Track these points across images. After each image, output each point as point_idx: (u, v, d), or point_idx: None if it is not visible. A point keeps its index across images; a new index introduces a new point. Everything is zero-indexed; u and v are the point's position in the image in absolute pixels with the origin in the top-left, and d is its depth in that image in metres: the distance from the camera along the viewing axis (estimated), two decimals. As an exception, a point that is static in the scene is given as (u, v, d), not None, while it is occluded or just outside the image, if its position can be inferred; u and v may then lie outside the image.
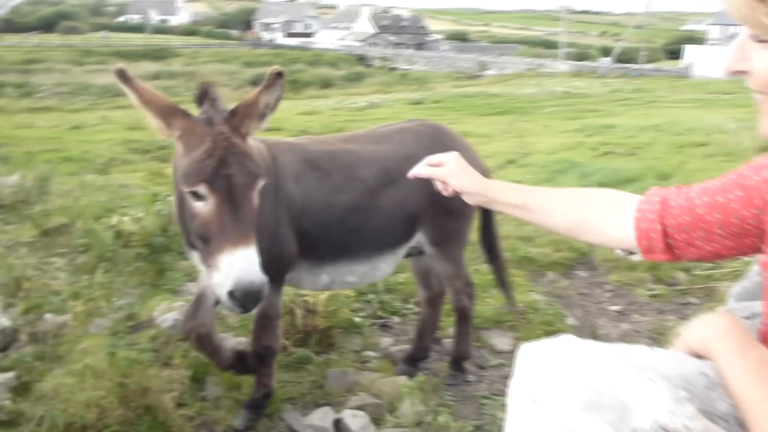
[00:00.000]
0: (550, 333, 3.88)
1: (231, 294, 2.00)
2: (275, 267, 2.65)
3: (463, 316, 3.44)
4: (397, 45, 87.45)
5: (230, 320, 3.76)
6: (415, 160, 2.94)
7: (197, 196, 2.08)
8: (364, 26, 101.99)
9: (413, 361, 3.53)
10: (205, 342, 2.88)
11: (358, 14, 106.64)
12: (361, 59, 66.75)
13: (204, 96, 2.22)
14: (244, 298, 2.00)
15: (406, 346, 3.72)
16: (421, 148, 2.93)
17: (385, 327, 4.08)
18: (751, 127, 1.09)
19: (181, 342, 3.33)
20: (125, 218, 4.94)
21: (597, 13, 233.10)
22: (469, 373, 3.53)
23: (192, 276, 4.42)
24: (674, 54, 71.34)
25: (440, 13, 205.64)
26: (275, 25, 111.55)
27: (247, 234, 2.04)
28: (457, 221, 3.19)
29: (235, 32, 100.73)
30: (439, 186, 1.70)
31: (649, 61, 60.53)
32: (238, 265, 1.99)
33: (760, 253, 1.10)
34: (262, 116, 2.22)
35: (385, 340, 3.88)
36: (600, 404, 0.75)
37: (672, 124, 17.20)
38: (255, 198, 2.14)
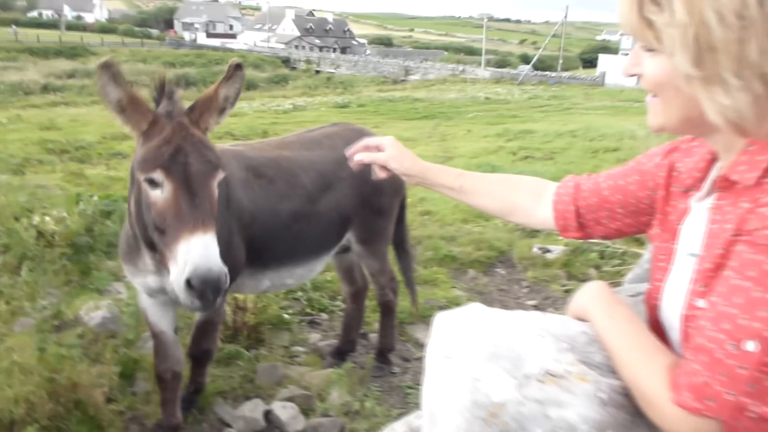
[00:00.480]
0: (470, 326, 4.11)
1: (188, 283, 1.89)
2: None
3: (387, 311, 3.60)
4: (322, 48, 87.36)
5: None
6: (346, 164, 3.08)
7: (153, 184, 2.02)
8: (289, 28, 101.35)
9: (340, 354, 3.67)
10: (176, 382, 2.83)
11: (282, 16, 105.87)
12: (286, 62, 66.29)
13: (161, 92, 2.19)
14: (202, 286, 1.88)
15: (334, 341, 3.85)
16: None
17: (313, 323, 4.20)
18: (659, 134, 1.29)
19: (110, 340, 3.34)
20: (47, 218, 4.85)
21: (517, 21, 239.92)
22: (395, 365, 3.70)
23: (117, 276, 4.41)
24: (590, 63, 74.50)
25: (364, 18, 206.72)
26: (197, 25, 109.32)
27: (205, 220, 1.97)
28: (383, 219, 3.35)
29: (155, 31, 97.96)
30: (376, 170, 1.71)
31: (566, 70, 62.88)
32: (195, 251, 1.90)
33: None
34: (222, 110, 2.20)
35: (314, 336, 4.00)
36: (499, 356, 0.91)
37: (587, 130, 18.01)
38: (214, 188, 2.09)
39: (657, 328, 1.13)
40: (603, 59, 55.12)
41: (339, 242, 3.25)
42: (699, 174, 1.15)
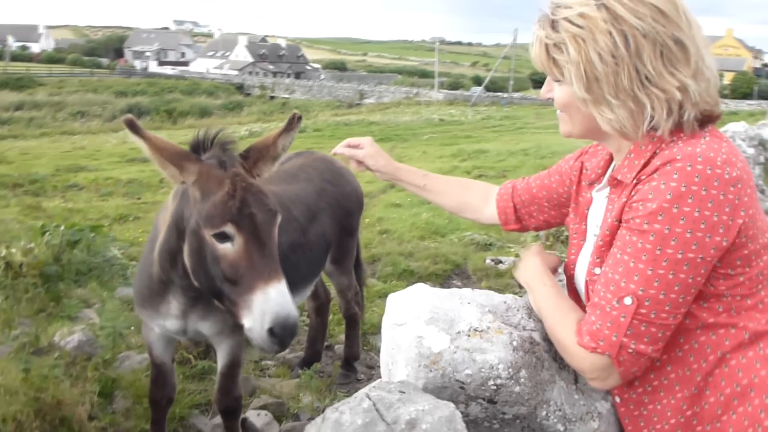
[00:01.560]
0: (429, 334, 4.39)
1: (271, 331, 1.95)
2: None
3: (353, 322, 3.86)
4: (276, 74, 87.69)
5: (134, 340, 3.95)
6: (324, 194, 3.33)
7: (223, 238, 2.03)
8: (242, 55, 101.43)
9: (307, 365, 3.89)
10: (169, 405, 2.98)
11: (235, 43, 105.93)
12: (240, 88, 66.30)
13: (206, 143, 2.22)
14: (283, 333, 1.96)
15: (301, 353, 4.07)
16: (325, 182, 3.37)
17: (280, 338, 4.41)
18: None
19: (87, 362, 3.51)
20: (13, 250, 4.96)
21: (468, 44, 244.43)
22: (360, 373, 3.94)
23: (88, 302, 4.56)
24: (540, 83, 76.43)
25: (318, 43, 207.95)
26: (148, 54, 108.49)
27: (277, 269, 2.04)
28: (352, 239, 3.62)
29: (105, 60, 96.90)
30: (353, 164, 1.98)
31: (517, 90, 64.46)
32: (274, 300, 1.96)
33: None
34: (276, 158, 2.25)
35: (281, 350, 4.21)
36: (437, 319, 1.18)
37: (538, 149, 18.65)
38: (276, 235, 2.15)
39: (573, 292, 1.45)
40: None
41: (324, 267, 3.47)
42: (600, 170, 1.48)
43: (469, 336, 1.16)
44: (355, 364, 3.93)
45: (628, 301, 1.16)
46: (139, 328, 4.08)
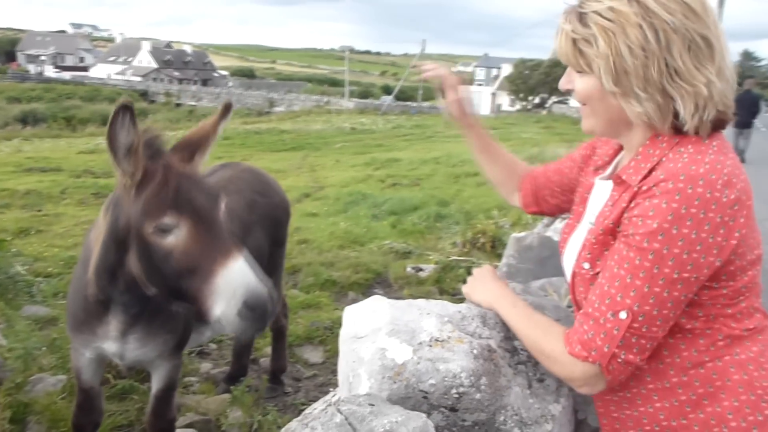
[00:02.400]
0: (354, 343, 4.40)
1: (246, 306, 1.80)
2: (187, 336, 2.67)
3: (280, 335, 3.81)
4: (182, 80, 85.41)
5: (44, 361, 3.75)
6: (255, 206, 3.25)
7: (165, 231, 1.91)
8: (145, 61, 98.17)
9: (233, 380, 3.80)
10: (97, 428, 2.81)
11: (138, 48, 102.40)
12: (144, 95, 64.23)
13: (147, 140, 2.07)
14: (260, 307, 1.81)
15: (226, 368, 3.98)
16: (255, 194, 3.27)
17: (202, 354, 4.30)
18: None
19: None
20: None
21: (377, 53, 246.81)
22: (287, 385, 3.90)
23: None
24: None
25: (225, 50, 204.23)
26: (43, 58, 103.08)
27: (232, 246, 1.91)
28: (282, 250, 3.57)
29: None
30: (449, 97, 2.01)
31: (426, 100, 65.63)
32: (240, 274, 1.84)
33: None
34: (209, 147, 2.14)
35: (205, 365, 4.11)
36: (398, 331, 1.20)
37: (449, 157, 19.06)
38: (221, 218, 2.03)
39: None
40: (460, 89, 58.05)
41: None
42: (607, 158, 1.54)
43: (431, 346, 1.18)
44: (282, 377, 3.88)
45: (623, 315, 1.22)
46: (51, 348, 3.88)
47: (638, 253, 1.20)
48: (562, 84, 1.41)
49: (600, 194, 1.47)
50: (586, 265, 1.33)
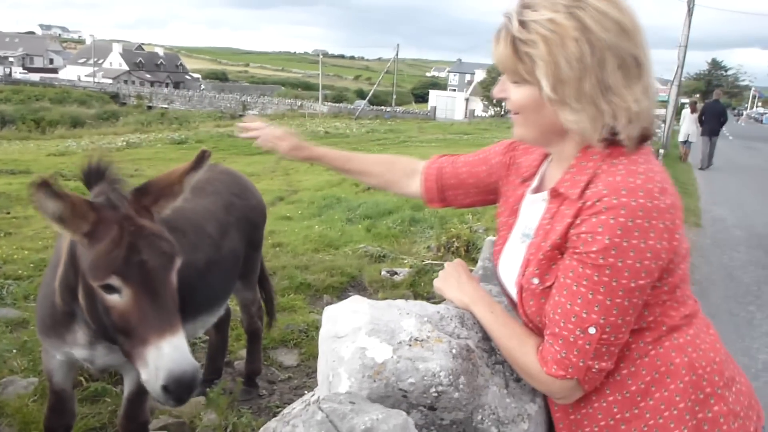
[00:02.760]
0: (329, 346, 4.40)
1: (165, 388, 1.82)
2: None
3: (255, 337, 3.80)
4: (154, 83, 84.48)
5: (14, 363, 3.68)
6: (232, 207, 3.25)
7: (110, 289, 1.90)
8: (116, 63, 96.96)
9: (207, 383, 3.78)
10: (69, 431, 2.78)
11: (109, 50, 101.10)
12: (114, 97, 63.42)
13: (97, 175, 2.07)
14: (178, 390, 1.82)
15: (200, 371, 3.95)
16: (232, 195, 3.27)
17: (176, 357, 4.26)
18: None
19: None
20: None
21: (351, 57, 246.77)
22: (262, 388, 3.88)
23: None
24: (421, 98, 78.70)
25: (197, 52, 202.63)
26: (11, 59, 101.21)
27: (172, 321, 1.89)
28: (257, 253, 3.57)
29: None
30: (265, 142, 2.02)
31: (400, 104, 65.89)
32: (168, 356, 1.82)
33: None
34: (180, 195, 2.11)
35: (178, 369, 4.07)
36: (378, 330, 1.21)
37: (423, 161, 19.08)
38: (174, 280, 2.01)
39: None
40: (433, 94, 58.51)
41: (236, 282, 3.37)
42: (534, 168, 1.56)
43: (410, 345, 1.20)
44: (256, 380, 3.87)
45: (592, 330, 1.25)
46: (22, 351, 3.83)
47: (594, 270, 1.24)
48: (496, 92, 1.43)
49: (532, 206, 1.50)
50: (536, 281, 1.34)
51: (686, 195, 13.13)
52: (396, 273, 6.06)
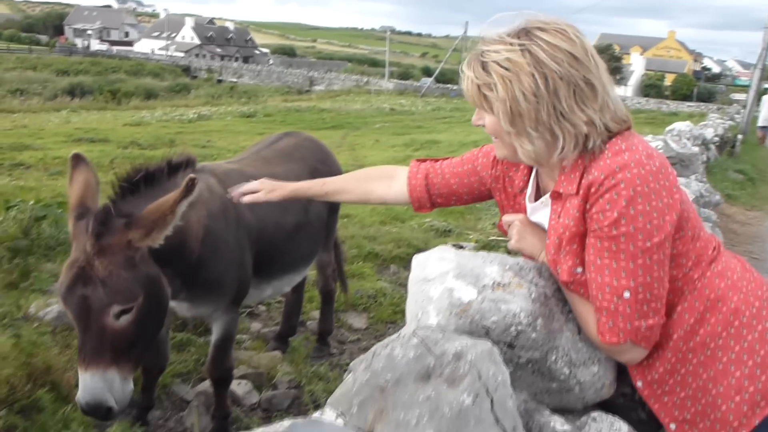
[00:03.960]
0: (397, 313, 4.59)
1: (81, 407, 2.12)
2: (242, 292, 2.92)
3: (328, 298, 4.02)
4: (224, 57, 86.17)
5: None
6: (318, 173, 3.46)
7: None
8: (188, 37, 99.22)
9: (282, 339, 4.03)
10: (159, 375, 3.13)
11: (182, 24, 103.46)
12: (186, 70, 65.05)
13: (177, 168, 2.50)
14: (88, 413, 2.14)
15: (275, 328, 4.21)
16: (317, 162, 3.49)
17: (252, 315, 4.53)
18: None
19: (67, 332, 3.56)
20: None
21: (418, 35, 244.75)
22: (333, 348, 4.10)
23: (57, 276, 4.55)
24: (487, 76, 77.51)
25: (266, 27, 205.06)
26: (89, 32, 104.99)
27: (87, 359, 2.09)
28: (336, 216, 3.79)
29: (43, 38, 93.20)
30: (243, 197, 2.24)
31: (466, 82, 65.10)
32: (81, 388, 2.10)
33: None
34: (171, 224, 2.18)
35: (255, 325, 4.34)
36: (464, 274, 1.36)
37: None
38: (109, 321, 2.11)
39: None
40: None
41: (321, 244, 3.59)
42: (525, 178, 1.74)
43: (493, 289, 1.34)
44: (328, 339, 4.09)
45: (626, 294, 1.38)
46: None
47: (611, 241, 1.38)
48: (474, 121, 1.60)
49: (537, 214, 1.67)
50: (579, 270, 1.47)
51: (764, 182, 12.71)
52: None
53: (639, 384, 1.51)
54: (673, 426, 1.49)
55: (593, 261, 1.42)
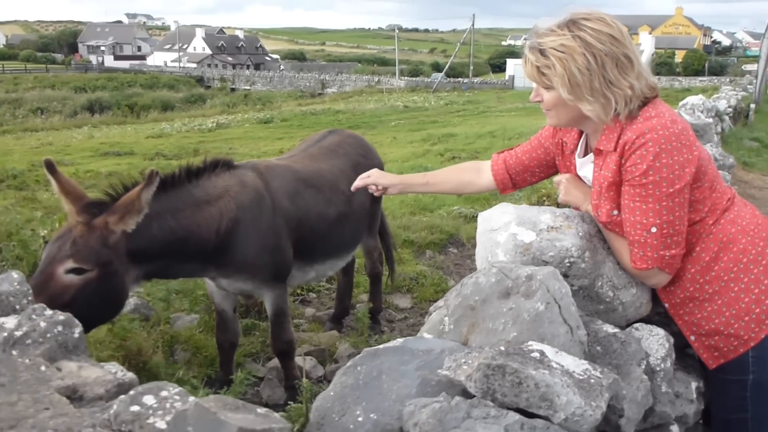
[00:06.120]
0: (438, 292, 4.92)
1: None
2: (282, 272, 3.24)
3: (376, 280, 4.37)
4: (236, 65, 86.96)
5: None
6: (360, 167, 3.82)
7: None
8: (199, 47, 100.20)
9: (337, 319, 4.38)
10: (232, 350, 3.49)
11: (192, 35, 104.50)
12: (200, 80, 65.87)
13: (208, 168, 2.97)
14: None
15: (327, 312, 4.56)
16: (359, 156, 3.85)
17: (304, 302, 4.89)
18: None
19: (145, 322, 3.94)
20: (43, 231, 5.32)
21: (425, 31, 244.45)
22: (383, 326, 4.45)
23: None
24: (498, 67, 77.63)
25: (275, 33, 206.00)
26: (103, 48, 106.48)
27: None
28: (379, 206, 4.15)
29: (59, 56, 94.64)
30: (372, 188, 2.48)
31: (477, 75, 65.34)
32: None
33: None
34: (140, 211, 2.52)
35: (308, 310, 4.71)
36: (523, 222, 1.69)
37: (504, 130, 19.30)
38: (60, 273, 2.40)
39: None
40: (511, 63, 57.64)
41: (364, 232, 3.95)
42: (576, 141, 2.09)
43: (548, 231, 1.68)
44: (379, 318, 4.43)
45: (654, 229, 1.73)
46: (183, 292, 4.53)
47: (641, 188, 1.73)
48: (533, 98, 1.95)
49: (584, 168, 2.02)
50: (615, 212, 1.81)
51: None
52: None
53: (666, 305, 1.89)
54: (693, 338, 1.87)
55: (627, 204, 1.76)
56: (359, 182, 2.47)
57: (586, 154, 2.04)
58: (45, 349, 1.58)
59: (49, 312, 1.64)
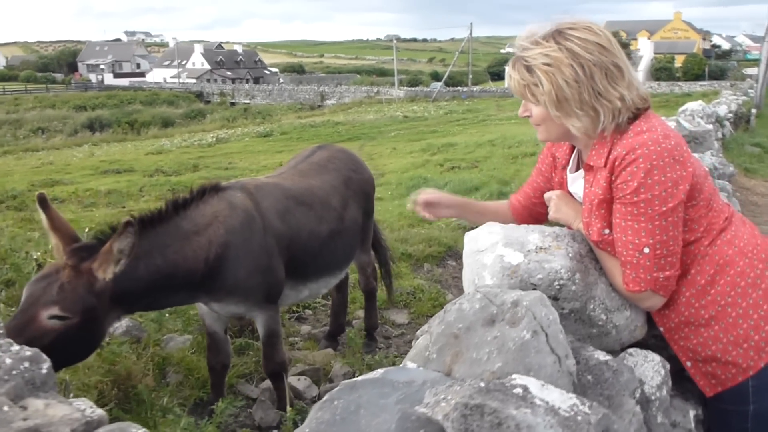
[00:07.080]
0: (436, 307, 4.84)
1: None
2: (274, 292, 3.18)
3: (371, 295, 4.28)
4: (235, 80, 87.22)
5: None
6: (351, 181, 3.74)
7: None
8: (198, 63, 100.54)
9: (333, 336, 4.30)
10: (224, 372, 3.42)
11: (191, 51, 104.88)
12: (199, 96, 66.02)
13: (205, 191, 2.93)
14: None
15: (322, 329, 4.48)
16: (350, 171, 3.77)
17: (300, 319, 4.82)
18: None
19: (136, 344, 3.86)
20: (36, 253, 5.26)
21: (423, 40, 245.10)
22: (380, 342, 4.37)
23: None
24: (497, 75, 77.81)
25: (273, 47, 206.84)
26: (102, 66, 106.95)
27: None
28: (371, 220, 4.06)
29: (59, 76, 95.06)
30: (426, 214, 2.49)
31: (476, 84, 65.37)
32: None
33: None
34: (118, 261, 2.47)
35: (304, 328, 4.63)
36: (511, 243, 1.62)
37: (504, 139, 19.23)
38: (42, 317, 2.35)
39: None
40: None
41: (357, 248, 3.87)
42: (567, 156, 2.02)
43: (537, 252, 1.60)
44: (375, 334, 4.35)
45: (646, 250, 1.65)
46: (175, 313, 4.45)
47: (633, 206, 1.65)
48: (521, 113, 1.88)
49: (575, 183, 1.95)
50: (607, 231, 1.74)
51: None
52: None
53: (661, 329, 1.80)
54: (689, 364, 1.78)
55: (618, 223, 1.68)
56: (423, 212, 2.52)
57: (578, 169, 1.97)
58: (10, 387, 1.51)
59: (15, 347, 1.58)
